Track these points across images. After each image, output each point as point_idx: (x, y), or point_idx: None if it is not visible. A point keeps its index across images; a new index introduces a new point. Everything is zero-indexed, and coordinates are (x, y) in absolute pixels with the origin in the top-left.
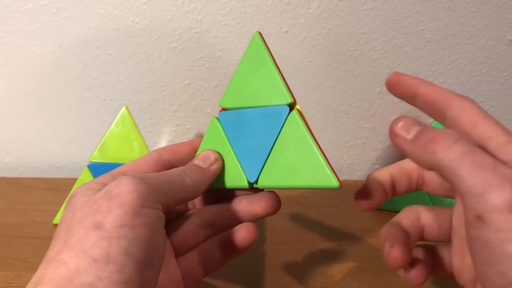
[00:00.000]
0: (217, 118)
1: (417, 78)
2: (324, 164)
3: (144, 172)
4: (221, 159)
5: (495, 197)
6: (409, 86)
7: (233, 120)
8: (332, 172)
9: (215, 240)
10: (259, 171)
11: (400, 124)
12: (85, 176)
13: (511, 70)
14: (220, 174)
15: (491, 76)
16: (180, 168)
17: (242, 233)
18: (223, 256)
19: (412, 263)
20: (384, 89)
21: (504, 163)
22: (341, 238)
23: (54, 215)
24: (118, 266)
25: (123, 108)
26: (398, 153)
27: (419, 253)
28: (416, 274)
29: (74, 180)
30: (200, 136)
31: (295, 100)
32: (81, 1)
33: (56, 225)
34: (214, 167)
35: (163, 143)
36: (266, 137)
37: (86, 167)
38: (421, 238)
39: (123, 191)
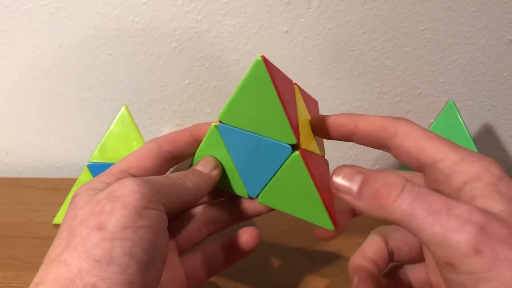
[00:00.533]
0: (217, 127)
1: (344, 115)
2: (323, 209)
3: (145, 167)
4: (221, 166)
5: (458, 243)
6: (340, 126)
7: (233, 137)
8: (328, 215)
9: (219, 242)
10: (259, 190)
11: (341, 176)
12: (85, 176)
13: (511, 70)
14: (223, 177)
15: (491, 76)
16: (182, 172)
17: (245, 237)
18: (226, 258)
19: None
20: (384, 89)
21: (458, 190)
22: (341, 238)
23: (54, 215)
24: (121, 267)
25: (123, 108)
26: None
27: (393, 276)
28: None
29: (74, 180)
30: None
31: (299, 140)
32: (81, 1)
33: (56, 225)
34: (215, 173)
35: None
36: (267, 166)
37: (86, 167)
38: (392, 260)
39: (126, 192)
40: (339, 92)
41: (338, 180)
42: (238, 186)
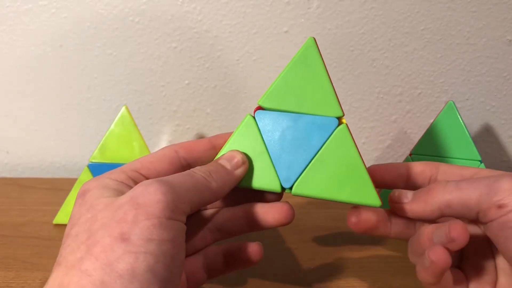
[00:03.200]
0: (253, 117)
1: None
2: (370, 183)
3: (157, 171)
4: (247, 164)
5: (503, 185)
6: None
7: (272, 121)
8: (375, 191)
9: (221, 249)
10: (295, 178)
11: (396, 193)
12: (85, 176)
13: (511, 70)
14: (249, 173)
15: (491, 76)
16: (206, 168)
17: (247, 252)
18: (226, 266)
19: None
20: (384, 89)
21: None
22: (341, 238)
23: (54, 215)
24: (142, 284)
25: (123, 108)
26: (397, 153)
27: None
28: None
29: (74, 180)
30: (201, 136)
31: (343, 114)
32: (81, 1)
33: (56, 225)
34: (240, 171)
35: (163, 143)
36: (308, 146)
37: (86, 167)
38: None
39: (151, 200)
40: (339, 92)
41: (395, 195)
42: (269, 179)
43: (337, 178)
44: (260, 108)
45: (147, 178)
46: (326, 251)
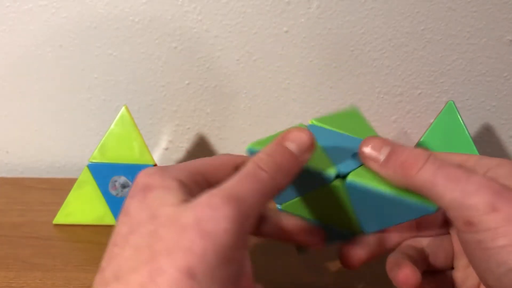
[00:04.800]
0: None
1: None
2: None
3: (218, 180)
4: (315, 144)
5: (476, 203)
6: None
7: (324, 135)
8: None
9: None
10: (351, 169)
11: (370, 146)
12: (85, 176)
13: (511, 70)
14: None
15: (492, 76)
16: (272, 160)
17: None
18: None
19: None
20: (384, 89)
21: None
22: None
23: (54, 215)
24: None
25: (123, 108)
26: None
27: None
28: None
29: (74, 180)
30: (201, 136)
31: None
32: (81, 1)
33: (56, 225)
34: (307, 156)
35: (163, 143)
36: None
37: (86, 167)
38: (428, 264)
39: (219, 229)
40: (339, 92)
41: (367, 149)
42: (323, 164)
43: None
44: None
45: (209, 184)
46: (326, 251)
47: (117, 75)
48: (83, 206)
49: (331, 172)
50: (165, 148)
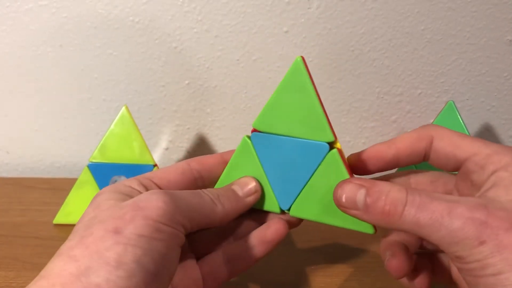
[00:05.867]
0: (249, 138)
1: (379, 145)
2: None
3: (169, 180)
4: (260, 192)
5: (463, 240)
6: (380, 157)
7: (267, 144)
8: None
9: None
10: (292, 201)
11: (344, 196)
12: (85, 176)
13: (511, 70)
14: None
15: (492, 76)
16: (216, 191)
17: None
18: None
19: (413, 270)
20: (384, 89)
21: (487, 178)
22: (341, 238)
23: (54, 215)
24: (127, 273)
25: (123, 108)
26: None
27: (419, 260)
28: (419, 282)
29: (74, 180)
30: (201, 136)
31: (336, 138)
32: (81, 1)
33: (56, 225)
34: (250, 199)
35: (163, 143)
36: (302, 170)
37: (86, 167)
38: (421, 247)
39: (151, 206)
40: (339, 92)
41: (343, 200)
42: (269, 201)
43: (329, 203)
44: (255, 130)
45: (158, 187)
46: (326, 251)
47: (117, 75)
48: (83, 206)
49: (276, 211)
50: (165, 148)
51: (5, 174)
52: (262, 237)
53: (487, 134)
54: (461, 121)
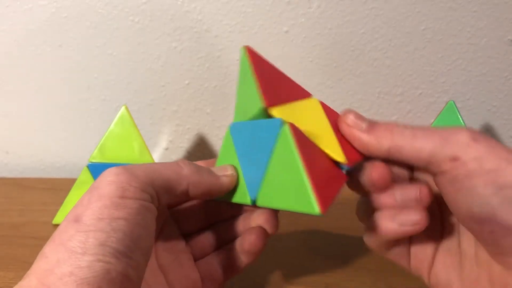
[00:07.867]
0: (229, 128)
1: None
2: (308, 187)
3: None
4: (236, 176)
5: (458, 138)
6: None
7: (239, 132)
8: (315, 196)
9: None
10: (258, 189)
11: (352, 115)
12: (85, 176)
13: None
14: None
15: (492, 76)
16: (187, 161)
17: (250, 238)
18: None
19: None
20: (385, 89)
21: None
22: (341, 238)
23: (53, 215)
24: (96, 256)
25: (123, 108)
26: None
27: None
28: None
29: (73, 180)
30: (201, 136)
31: (267, 105)
32: (81, 1)
33: (56, 225)
34: (225, 179)
35: (163, 143)
36: (263, 152)
37: (86, 167)
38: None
39: (103, 182)
40: (340, 92)
41: (351, 116)
42: (240, 193)
43: (284, 185)
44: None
45: None
46: (326, 251)
47: (117, 75)
48: None
49: (247, 203)
50: (165, 148)
51: (5, 174)
52: (241, 247)
53: (487, 134)
54: (461, 121)
